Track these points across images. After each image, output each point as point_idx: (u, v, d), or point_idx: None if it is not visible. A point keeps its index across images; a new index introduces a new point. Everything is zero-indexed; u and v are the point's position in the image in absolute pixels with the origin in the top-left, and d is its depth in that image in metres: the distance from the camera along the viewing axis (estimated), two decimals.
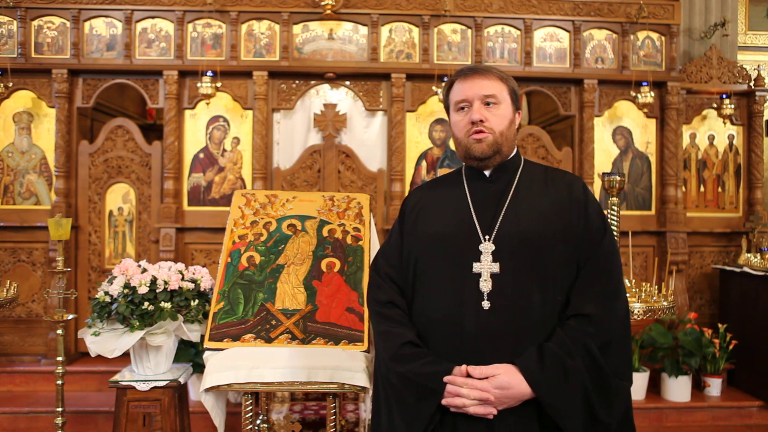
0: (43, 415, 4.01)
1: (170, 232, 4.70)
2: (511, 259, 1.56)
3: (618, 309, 1.56)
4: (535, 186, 1.67)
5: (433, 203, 1.74)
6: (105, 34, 4.82)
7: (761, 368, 4.42)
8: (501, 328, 1.52)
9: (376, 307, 1.72)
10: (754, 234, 4.99)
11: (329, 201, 2.70)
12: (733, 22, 5.43)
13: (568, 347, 1.48)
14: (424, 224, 1.71)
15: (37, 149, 4.83)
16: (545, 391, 1.45)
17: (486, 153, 1.64)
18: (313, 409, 3.98)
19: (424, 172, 4.95)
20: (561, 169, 1.81)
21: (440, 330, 1.58)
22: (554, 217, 1.60)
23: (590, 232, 1.60)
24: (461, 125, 1.67)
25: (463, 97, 1.66)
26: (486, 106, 1.64)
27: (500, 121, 1.64)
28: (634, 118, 5.08)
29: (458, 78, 1.69)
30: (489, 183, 1.69)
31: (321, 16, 4.76)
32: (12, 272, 4.72)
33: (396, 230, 1.79)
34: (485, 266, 1.56)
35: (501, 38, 4.97)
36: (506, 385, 1.46)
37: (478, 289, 1.55)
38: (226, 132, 4.90)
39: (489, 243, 1.59)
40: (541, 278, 1.55)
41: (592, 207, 1.64)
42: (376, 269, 1.78)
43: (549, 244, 1.57)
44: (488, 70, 1.67)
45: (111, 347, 2.46)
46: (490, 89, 1.64)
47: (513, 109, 1.68)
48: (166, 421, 2.57)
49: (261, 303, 2.34)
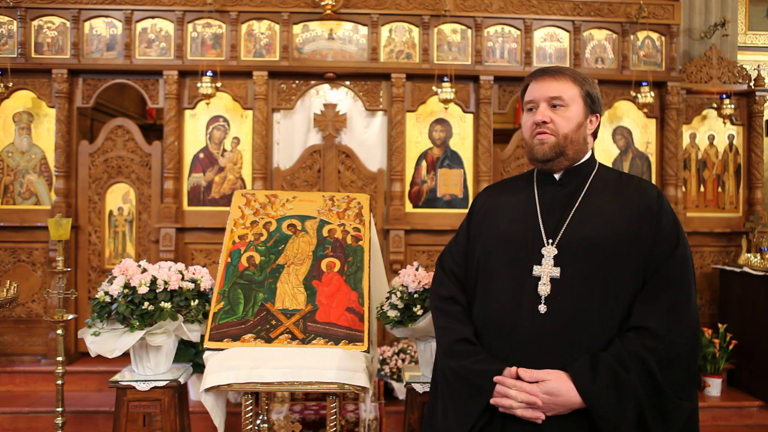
0: (43, 415, 4.01)
1: (170, 232, 4.70)
2: (573, 265, 1.53)
3: (685, 324, 1.49)
4: (607, 192, 1.64)
5: (500, 204, 1.74)
6: (105, 34, 4.82)
7: (761, 368, 4.42)
8: (555, 334, 1.50)
9: (437, 302, 1.73)
10: (754, 234, 4.99)
11: (329, 201, 2.70)
12: (733, 22, 5.43)
13: (624, 359, 1.43)
14: (489, 224, 1.71)
15: (37, 149, 4.83)
16: (595, 401, 1.42)
17: (547, 155, 1.62)
18: (313, 409, 3.98)
19: (424, 172, 4.95)
20: (636, 176, 1.77)
21: (496, 330, 1.58)
22: (623, 225, 1.56)
23: (661, 242, 1.54)
24: (527, 126, 1.67)
25: (530, 98, 1.66)
26: (552, 108, 1.62)
27: (566, 123, 1.62)
28: (634, 118, 5.08)
29: (531, 79, 1.69)
30: (558, 187, 1.67)
31: (321, 16, 4.77)
32: (12, 272, 4.72)
33: (463, 229, 1.80)
34: (546, 270, 1.55)
35: (501, 38, 4.97)
36: (555, 392, 1.44)
37: (536, 292, 1.53)
38: (226, 132, 4.90)
39: (552, 247, 1.57)
40: (602, 286, 1.51)
41: (666, 216, 1.58)
42: (442, 265, 1.79)
43: (614, 252, 1.53)
44: (560, 72, 1.66)
45: (111, 347, 2.45)
46: (558, 91, 1.62)
47: (585, 112, 1.65)
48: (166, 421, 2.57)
49: (261, 303, 2.34)
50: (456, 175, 4.93)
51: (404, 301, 2.34)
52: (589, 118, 1.67)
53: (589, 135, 1.70)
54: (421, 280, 2.35)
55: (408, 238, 4.81)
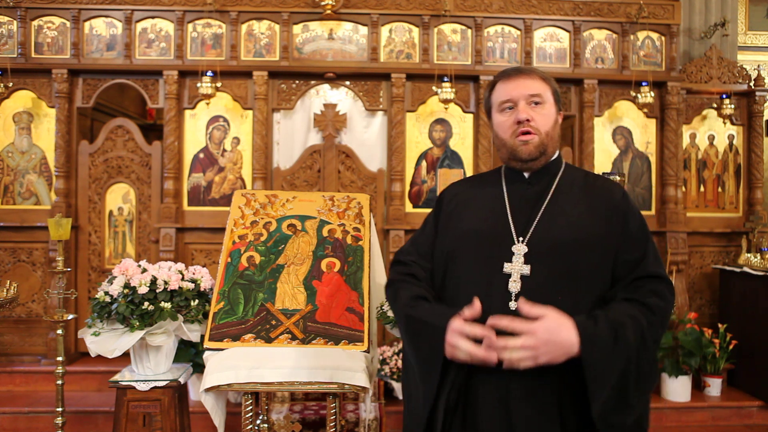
0: (43, 415, 4.01)
1: (170, 232, 4.70)
2: (543, 263, 1.54)
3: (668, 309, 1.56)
4: (574, 191, 1.65)
5: (470, 200, 1.73)
6: (105, 34, 4.82)
7: (761, 368, 4.42)
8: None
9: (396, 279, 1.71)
10: (754, 234, 4.98)
11: (329, 201, 2.70)
12: (733, 22, 5.43)
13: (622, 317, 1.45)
14: (459, 219, 1.70)
15: (37, 149, 4.83)
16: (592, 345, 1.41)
17: (533, 154, 1.62)
18: (313, 409, 3.98)
19: (424, 172, 4.95)
20: (601, 176, 1.79)
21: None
22: (591, 224, 1.58)
23: (631, 243, 1.57)
24: (506, 126, 1.64)
25: (507, 97, 1.64)
26: (532, 106, 1.62)
27: (546, 121, 1.63)
28: (634, 118, 5.08)
29: (501, 78, 1.67)
30: (527, 185, 1.67)
31: (321, 16, 4.77)
32: (12, 272, 4.72)
33: (430, 222, 1.78)
34: (516, 267, 1.54)
35: (501, 38, 4.97)
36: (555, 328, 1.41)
37: (506, 289, 1.53)
38: (226, 132, 4.90)
39: (522, 245, 1.57)
40: (572, 283, 1.52)
41: (633, 217, 1.61)
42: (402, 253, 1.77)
43: (583, 250, 1.54)
44: (532, 71, 1.67)
45: (111, 347, 2.46)
46: (535, 89, 1.62)
47: (556, 110, 1.67)
48: (166, 421, 2.57)
49: (261, 303, 2.34)
50: (456, 175, 4.93)
51: None
52: (558, 115, 1.69)
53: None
54: None
55: (408, 238, 4.80)
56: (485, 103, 1.74)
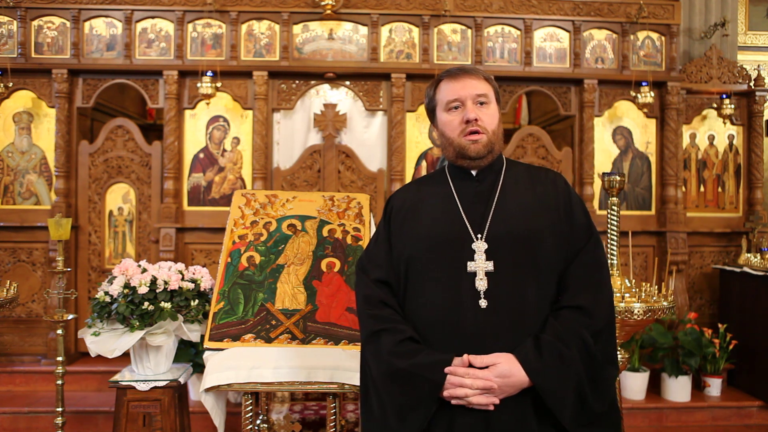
0: (43, 415, 4.01)
1: (170, 232, 4.70)
2: (505, 257, 1.57)
3: (607, 298, 1.61)
4: (520, 184, 1.69)
5: (420, 204, 1.72)
6: (105, 34, 4.82)
7: (761, 368, 4.42)
8: (499, 326, 1.53)
9: (366, 308, 1.67)
10: (754, 234, 4.99)
11: (329, 201, 2.70)
12: (733, 22, 5.43)
13: (563, 337, 1.51)
14: (412, 225, 1.69)
15: (37, 149, 4.83)
16: (542, 378, 1.47)
17: (481, 153, 1.65)
18: (313, 409, 3.98)
19: (424, 172, 4.95)
20: (542, 167, 1.85)
21: (437, 331, 1.57)
22: (542, 213, 1.63)
23: (577, 230, 1.64)
24: (454, 125, 1.66)
25: (455, 96, 1.65)
26: (478, 106, 1.65)
27: (492, 121, 1.66)
28: (634, 118, 5.08)
29: (446, 77, 1.70)
30: (476, 182, 1.69)
31: (321, 16, 4.77)
32: (12, 272, 4.72)
33: (381, 232, 1.75)
34: (480, 265, 1.56)
35: (501, 38, 4.97)
36: (507, 373, 1.47)
37: (474, 288, 1.55)
38: (226, 132, 4.90)
39: (481, 242, 1.59)
40: (535, 274, 1.57)
41: (576, 205, 1.67)
42: (364, 271, 1.73)
43: (540, 239, 1.59)
44: (476, 70, 1.70)
45: (111, 347, 2.46)
46: (481, 89, 1.65)
47: (499, 109, 1.71)
48: (166, 421, 2.57)
49: (261, 303, 2.34)
50: None
51: None
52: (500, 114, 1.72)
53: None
54: None
55: None
56: (429, 102, 1.76)
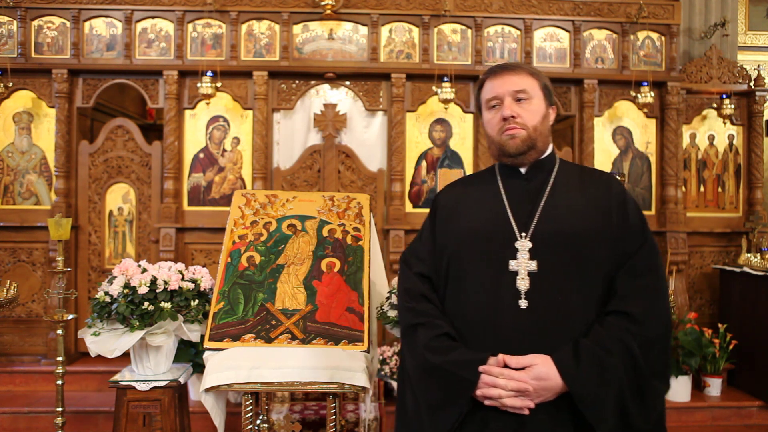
0: (43, 415, 4.01)
1: (170, 232, 4.70)
2: (550, 257, 1.52)
3: (661, 307, 1.53)
4: (571, 184, 1.65)
5: (466, 200, 1.71)
6: (105, 34, 4.82)
7: (761, 368, 4.42)
8: (539, 328, 1.48)
9: (406, 301, 1.67)
10: (754, 234, 4.98)
11: (329, 201, 2.70)
12: (733, 22, 5.43)
13: (606, 343, 1.44)
14: (457, 221, 1.68)
15: (37, 149, 4.83)
16: (578, 384, 1.41)
17: (520, 149, 1.62)
18: (313, 409, 3.98)
19: (424, 172, 4.95)
20: (597, 169, 1.79)
21: (475, 329, 1.54)
22: (593, 215, 1.58)
23: (630, 235, 1.57)
24: (493, 123, 1.65)
25: (493, 94, 1.64)
26: (517, 102, 1.62)
27: (532, 116, 1.62)
28: (634, 118, 5.08)
29: (488, 76, 1.67)
30: (524, 180, 1.66)
31: (321, 16, 4.76)
32: (12, 272, 4.72)
33: (427, 228, 1.76)
34: (522, 264, 1.53)
35: (501, 38, 4.97)
36: (544, 376, 1.42)
37: (515, 287, 1.51)
38: (226, 132, 4.90)
39: (526, 240, 1.55)
40: (580, 276, 1.52)
41: (632, 209, 1.61)
42: (407, 264, 1.74)
43: (588, 241, 1.54)
44: (518, 66, 1.66)
45: (111, 347, 2.45)
46: (521, 84, 1.62)
47: (546, 104, 1.66)
48: (166, 421, 2.57)
49: (261, 303, 2.34)
50: (456, 175, 4.93)
51: None
52: (548, 110, 1.68)
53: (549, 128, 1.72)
54: None
55: (408, 238, 4.80)
56: (476, 102, 1.74)
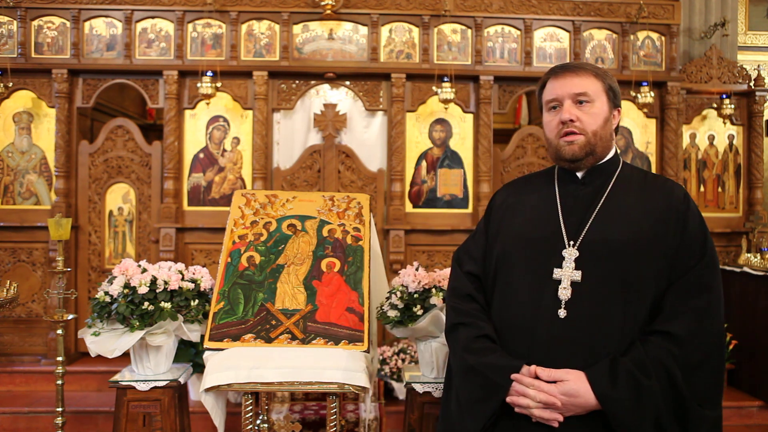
0: (43, 415, 4.01)
1: (170, 232, 4.70)
2: (595, 268, 1.48)
3: (711, 330, 1.44)
4: (631, 191, 1.57)
5: (520, 202, 1.68)
6: (105, 34, 4.82)
7: (761, 368, 4.42)
8: (576, 339, 1.45)
9: (454, 300, 1.67)
10: (754, 234, 4.98)
11: (329, 201, 2.70)
12: (733, 22, 5.43)
13: (645, 365, 1.38)
14: (509, 223, 1.65)
15: (37, 149, 4.83)
16: (613, 406, 1.37)
17: (577, 155, 1.56)
18: (313, 409, 3.98)
19: (424, 172, 4.95)
20: (662, 175, 1.72)
21: (513, 333, 1.53)
22: (647, 226, 1.50)
23: (688, 246, 1.49)
24: (552, 125, 1.60)
25: (553, 96, 1.59)
26: (578, 105, 1.56)
27: (593, 120, 1.56)
28: (634, 118, 5.08)
29: (550, 76, 1.62)
30: (581, 186, 1.61)
31: (321, 16, 4.76)
32: (12, 272, 4.72)
33: (481, 228, 1.75)
34: (566, 273, 1.49)
35: (501, 38, 4.97)
36: (574, 393, 1.39)
37: (556, 296, 1.48)
38: (226, 132, 4.90)
39: (573, 249, 1.51)
40: (625, 290, 1.46)
41: (693, 219, 1.52)
42: (459, 263, 1.74)
43: (638, 254, 1.47)
44: (581, 67, 1.59)
45: (111, 347, 2.45)
46: (582, 87, 1.56)
47: (610, 107, 1.59)
48: (166, 421, 2.57)
49: (261, 303, 2.34)
50: (456, 175, 4.94)
51: (404, 301, 2.34)
52: (613, 112, 1.61)
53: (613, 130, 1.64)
54: (421, 280, 2.35)
55: (408, 238, 4.81)
56: (538, 101, 1.70)
